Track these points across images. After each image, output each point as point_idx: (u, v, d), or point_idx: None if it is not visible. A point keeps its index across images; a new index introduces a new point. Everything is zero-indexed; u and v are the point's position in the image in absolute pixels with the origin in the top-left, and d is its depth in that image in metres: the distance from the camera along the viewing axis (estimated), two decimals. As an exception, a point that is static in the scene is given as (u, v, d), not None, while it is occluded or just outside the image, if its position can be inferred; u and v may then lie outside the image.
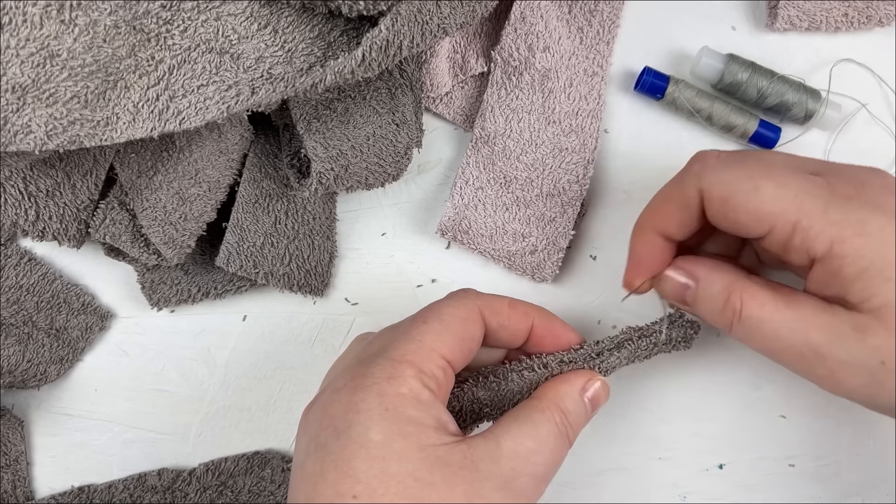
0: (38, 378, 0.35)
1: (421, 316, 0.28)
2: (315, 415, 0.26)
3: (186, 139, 0.32)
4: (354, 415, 0.25)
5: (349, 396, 0.25)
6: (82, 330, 0.36)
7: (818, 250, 0.25)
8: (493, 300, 0.30)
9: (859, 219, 0.25)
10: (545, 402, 0.28)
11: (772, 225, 0.26)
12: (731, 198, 0.26)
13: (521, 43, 0.35)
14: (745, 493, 0.34)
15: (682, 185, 0.28)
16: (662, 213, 0.29)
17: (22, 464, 0.36)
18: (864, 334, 0.25)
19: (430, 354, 0.27)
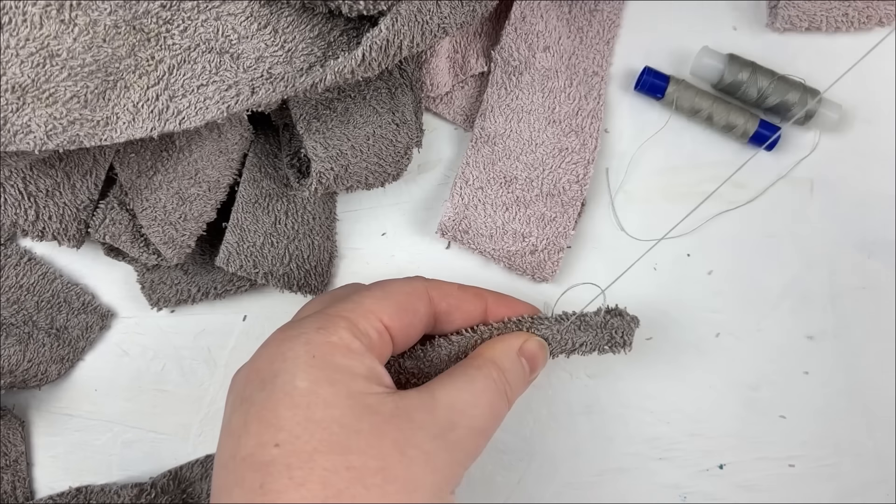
0: (39, 378, 0.35)
1: (366, 286, 0.28)
2: (242, 371, 0.26)
3: (186, 139, 0.32)
4: (280, 363, 0.24)
5: (276, 347, 0.25)
6: (83, 329, 0.36)
7: None
8: (441, 283, 0.29)
9: None
10: (481, 359, 0.27)
11: None
12: None
13: (521, 43, 0.35)
14: (745, 494, 0.34)
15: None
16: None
17: (22, 464, 0.36)
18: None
19: (367, 315, 0.26)
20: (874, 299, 0.36)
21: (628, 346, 0.30)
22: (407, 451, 0.23)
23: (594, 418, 0.35)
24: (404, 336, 0.27)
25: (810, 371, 0.35)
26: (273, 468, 0.22)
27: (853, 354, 0.35)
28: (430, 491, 0.23)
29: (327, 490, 0.22)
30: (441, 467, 0.24)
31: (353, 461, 0.22)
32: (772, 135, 0.35)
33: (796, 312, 0.36)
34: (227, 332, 0.37)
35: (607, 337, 0.30)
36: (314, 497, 0.22)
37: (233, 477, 0.23)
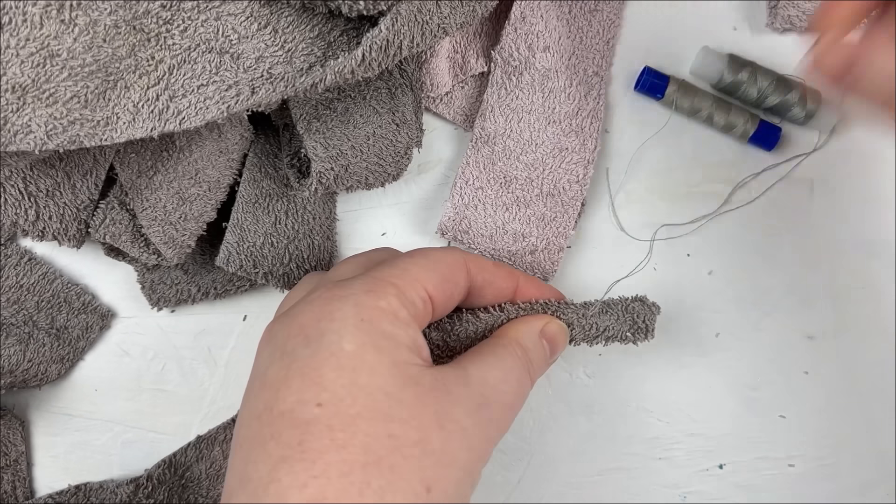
0: (39, 378, 0.35)
1: (407, 253, 0.28)
2: (282, 324, 0.25)
3: (186, 139, 0.32)
4: (328, 323, 0.24)
5: (323, 306, 0.24)
6: (83, 329, 0.36)
7: None
8: (478, 257, 0.29)
9: None
10: (506, 339, 0.28)
11: None
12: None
13: (521, 43, 0.35)
14: (745, 493, 0.34)
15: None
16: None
17: (22, 464, 0.36)
18: None
19: (414, 283, 0.26)
20: (874, 299, 0.36)
21: (651, 332, 0.31)
22: (446, 425, 0.23)
23: (594, 418, 0.35)
24: (443, 307, 0.28)
25: (810, 371, 0.35)
26: (314, 427, 0.22)
27: (853, 354, 0.35)
28: (463, 467, 0.24)
29: (367, 455, 0.22)
30: (475, 444, 0.24)
31: (395, 430, 0.22)
32: (772, 135, 0.35)
33: (796, 312, 0.36)
34: (227, 332, 0.37)
35: (629, 322, 0.31)
36: (354, 460, 0.22)
37: (268, 430, 0.23)
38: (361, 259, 0.29)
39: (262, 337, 0.26)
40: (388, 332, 0.24)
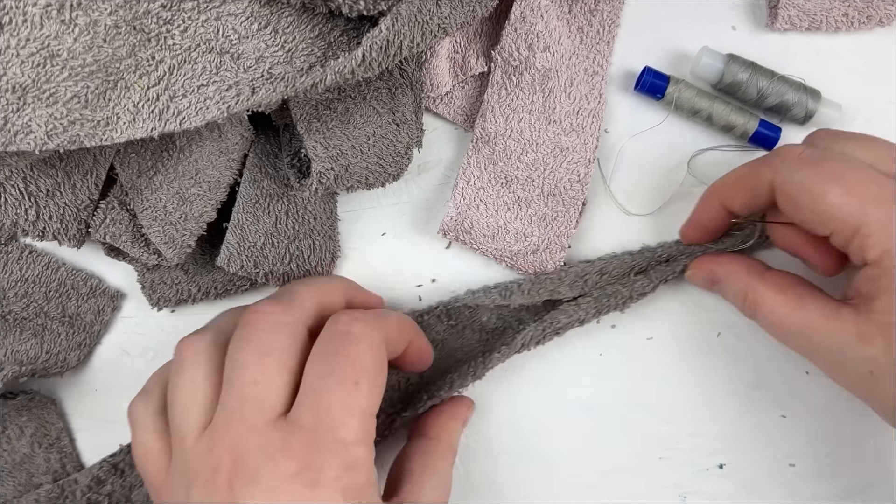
0: (60, 366, 0.36)
1: (348, 374, 0.26)
2: (257, 501, 0.24)
3: (186, 139, 0.32)
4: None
5: (309, 492, 0.24)
6: (95, 313, 0.37)
7: (871, 256, 0.27)
8: (392, 331, 0.29)
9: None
10: (441, 444, 0.31)
11: (835, 228, 0.27)
12: (799, 198, 0.28)
13: (521, 42, 0.35)
14: (746, 493, 0.34)
15: (756, 174, 0.30)
16: (732, 191, 0.31)
17: (65, 440, 0.36)
18: (864, 343, 0.27)
19: (371, 422, 0.26)
20: (874, 299, 0.36)
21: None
22: None
23: (594, 418, 0.35)
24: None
25: (811, 370, 0.35)
26: None
27: (853, 354, 0.35)
28: None
29: None
30: None
31: None
32: (772, 134, 0.35)
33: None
34: (227, 332, 0.37)
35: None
36: None
37: None
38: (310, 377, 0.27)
39: (213, 489, 0.24)
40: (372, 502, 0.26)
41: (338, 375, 0.25)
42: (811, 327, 0.28)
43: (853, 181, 0.27)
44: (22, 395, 0.35)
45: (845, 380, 0.28)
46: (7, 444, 0.35)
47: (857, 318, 0.27)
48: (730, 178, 0.31)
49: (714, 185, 0.32)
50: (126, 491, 0.34)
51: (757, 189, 0.30)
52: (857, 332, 0.27)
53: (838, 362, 0.28)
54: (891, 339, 0.26)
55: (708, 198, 0.32)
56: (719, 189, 0.32)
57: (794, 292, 0.29)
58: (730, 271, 0.32)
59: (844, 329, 0.27)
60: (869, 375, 0.27)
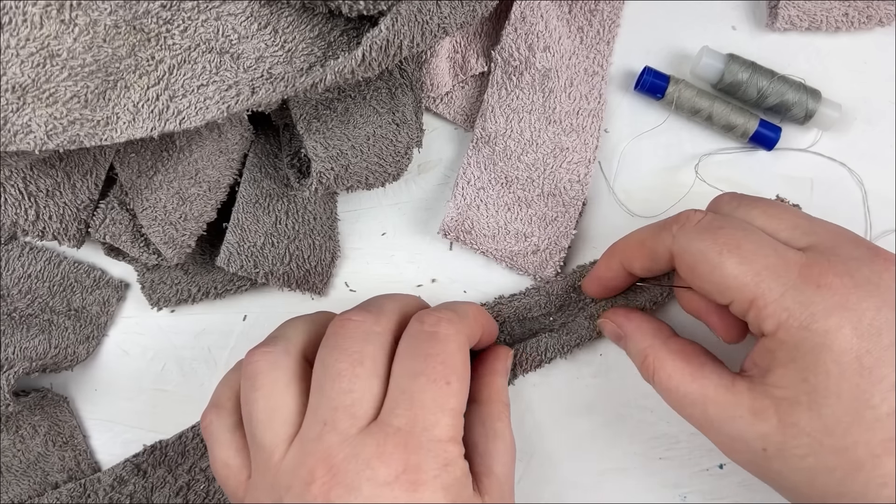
0: (69, 360, 0.36)
1: (440, 374, 0.26)
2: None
3: (186, 139, 0.32)
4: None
5: (412, 494, 0.24)
6: (101, 305, 0.37)
7: (767, 328, 0.26)
8: (472, 327, 0.29)
9: (812, 313, 0.25)
10: (495, 406, 0.30)
11: (732, 298, 0.27)
12: (696, 268, 0.27)
13: (521, 42, 0.35)
14: (746, 493, 0.34)
15: (656, 239, 0.29)
16: (632, 254, 0.31)
17: (78, 438, 0.36)
18: (757, 419, 0.26)
19: (461, 421, 0.26)
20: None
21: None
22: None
23: (594, 418, 0.35)
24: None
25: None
26: None
27: (853, 354, 0.35)
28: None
29: None
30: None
31: None
32: (772, 134, 0.35)
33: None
34: (227, 332, 0.37)
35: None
36: None
37: None
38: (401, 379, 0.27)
39: (313, 492, 0.24)
40: (469, 496, 0.26)
41: (430, 375, 0.26)
42: (706, 398, 0.27)
43: (749, 251, 0.26)
44: (34, 392, 0.36)
45: (738, 456, 0.27)
46: (21, 443, 0.35)
47: (752, 393, 0.26)
48: (630, 241, 0.31)
49: (616, 244, 0.32)
50: (147, 492, 0.35)
51: (656, 254, 0.29)
52: (751, 407, 0.26)
53: (732, 437, 0.27)
54: (784, 414, 0.25)
55: (609, 256, 0.32)
56: (620, 250, 0.31)
57: (696, 361, 0.28)
58: (635, 329, 0.31)
59: (739, 403, 0.26)
60: (762, 453, 0.26)
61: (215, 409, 0.29)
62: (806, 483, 0.25)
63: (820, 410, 0.24)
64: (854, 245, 0.26)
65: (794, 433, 0.25)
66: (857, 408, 0.24)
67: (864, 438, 0.24)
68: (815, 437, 0.25)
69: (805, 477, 0.25)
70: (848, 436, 0.24)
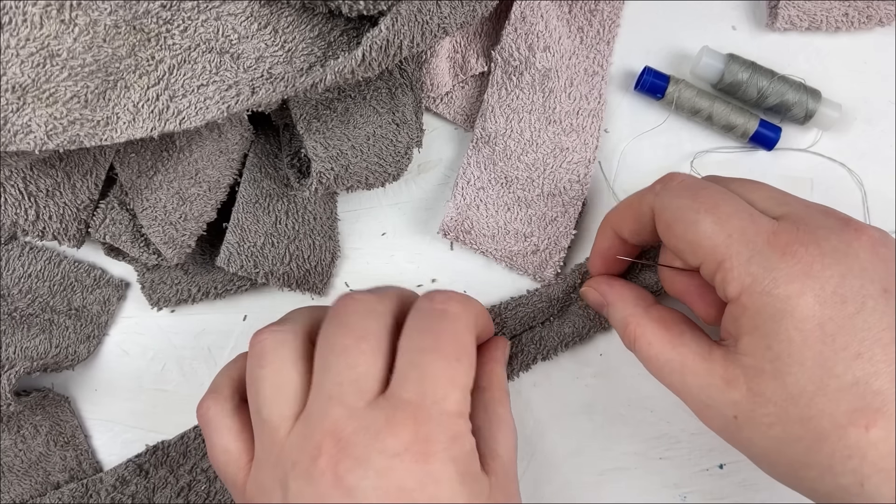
0: (70, 359, 0.36)
1: (451, 351, 0.26)
2: (369, 482, 0.24)
3: (186, 139, 0.32)
4: (435, 486, 0.24)
5: (422, 466, 0.24)
6: (101, 304, 0.37)
7: (732, 292, 0.26)
8: (480, 314, 0.30)
9: (774, 278, 0.25)
10: (496, 391, 0.30)
11: (703, 258, 0.27)
12: (673, 225, 0.27)
13: (521, 42, 0.35)
14: (746, 493, 0.34)
15: (641, 200, 0.29)
16: (621, 218, 0.31)
17: (80, 438, 0.36)
18: (729, 387, 0.26)
19: (469, 398, 0.26)
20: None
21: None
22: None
23: (594, 418, 0.35)
24: None
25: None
26: None
27: (853, 354, 0.35)
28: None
29: None
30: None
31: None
32: (772, 134, 0.35)
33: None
34: (227, 332, 0.37)
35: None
36: None
37: None
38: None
39: (315, 476, 0.24)
40: (477, 473, 0.25)
41: (441, 351, 0.26)
42: (684, 366, 0.27)
43: (725, 212, 0.26)
44: (35, 392, 0.36)
45: (713, 423, 0.27)
46: (22, 442, 0.35)
47: (725, 361, 0.26)
48: (619, 206, 0.31)
49: (608, 213, 0.32)
50: (149, 492, 0.35)
51: (641, 215, 0.29)
52: (724, 375, 0.26)
53: (706, 405, 0.27)
54: (752, 382, 0.25)
55: (603, 226, 0.32)
56: (611, 216, 0.32)
57: (675, 329, 0.28)
58: (617, 297, 0.31)
59: (713, 371, 0.26)
60: (733, 421, 0.26)
61: (213, 395, 0.29)
62: (774, 451, 0.26)
63: (784, 379, 0.25)
64: (825, 215, 0.27)
65: (761, 402, 0.25)
66: (820, 376, 0.24)
67: (828, 408, 0.24)
68: (780, 405, 0.25)
69: (773, 445, 0.25)
70: (812, 405, 0.24)
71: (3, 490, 0.35)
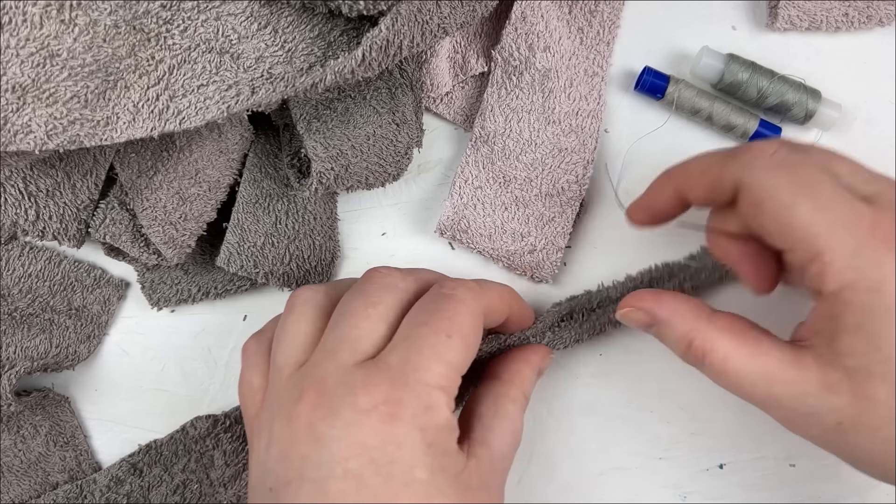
0: (71, 359, 0.36)
1: (443, 327, 0.26)
2: (336, 431, 0.24)
3: (186, 139, 0.32)
4: (396, 449, 0.24)
5: (387, 427, 0.24)
6: (101, 304, 0.37)
7: (829, 287, 0.24)
8: (494, 301, 0.30)
9: (884, 275, 0.23)
10: (513, 389, 0.30)
11: (795, 245, 0.25)
12: (766, 204, 0.25)
13: (521, 42, 0.35)
14: (746, 493, 0.34)
15: (723, 169, 0.27)
16: (692, 181, 0.28)
17: (79, 438, 0.36)
18: (831, 393, 0.24)
19: (456, 377, 0.26)
20: (874, 299, 0.36)
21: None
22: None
23: (594, 418, 0.35)
24: None
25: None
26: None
27: (853, 354, 0.35)
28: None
29: None
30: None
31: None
32: (772, 135, 0.35)
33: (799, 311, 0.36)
34: (227, 332, 0.37)
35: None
36: None
37: None
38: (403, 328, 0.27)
39: (292, 418, 0.25)
40: (449, 449, 0.25)
41: (433, 326, 0.26)
42: (771, 376, 0.25)
43: (827, 198, 0.24)
44: (35, 392, 0.36)
45: (809, 432, 0.26)
46: (22, 443, 0.35)
47: (820, 365, 0.24)
48: (692, 167, 0.28)
49: (673, 169, 0.29)
50: (144, 491, 0.35)
51: (720, 184, 0.27)
52: (822, 381, 0.24)
53: (802, 414, 0.25)
54: (858, 386, 0.23)
55: (664, 182, 0.29)
56: (678, 175, 0.29)
57: (750, 337, 0.26)
58: (673, 313, 0.28)
59: (807, 378, 0.24)
60: (837, 427, 0.24)
61: (257, 335, 0.31)
62: (882, 453, 0.24)
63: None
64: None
65: (869, 406, 0.23)
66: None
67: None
68: (892, 408, 0.23)
69: (881, 447, 0.24)
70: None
71: (3, 490, 0.35)
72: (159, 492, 0.35)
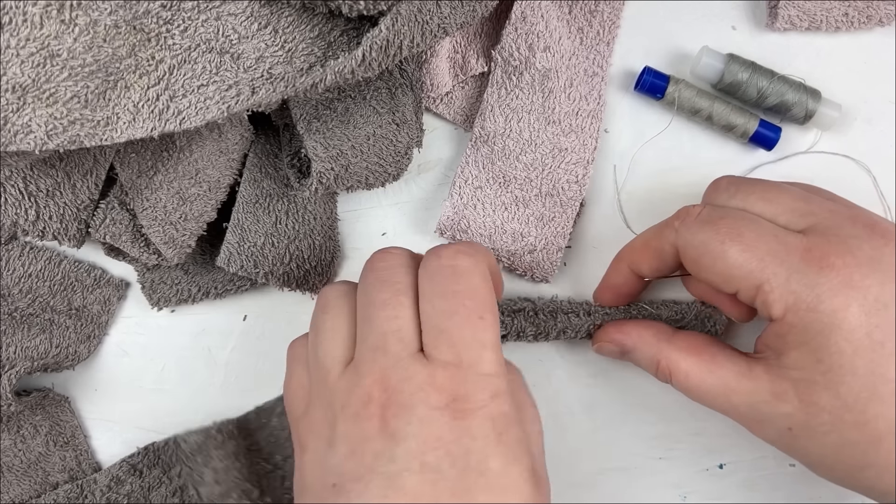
0: (71, 359, 0.36)
1: (473, 310, 0.26)
2: (412, 428, 0.24)
3: (186, 139, 0.32)
4: (470, 440, 0.24)
5: (459, 421, 0.25)
6: (102, 304, 0.37)
7: (776, 313, 0.27)
8: (492, 261, 0.30)
9: (817, 294, 0.26)
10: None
11: (739, 285, 0.27)
12: (701, 259, 0.28)
13: (521, 43, 0.35)
14: (746, 493, 0.34)
15: (660, 238, 0.30)
16: (639, 255, 0.31)
17: (79, 438, 0.36)
18: (779, 401, 0.27)
19: (501, 354, 0.27)
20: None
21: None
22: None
23: (594, 418, 0.35)
24: None
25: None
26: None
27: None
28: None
29: None
30: None
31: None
32: (772, 134, 0.35)
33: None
34: (227, 332, 0.37)
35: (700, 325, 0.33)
36: None
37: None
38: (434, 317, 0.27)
39: (361, 417, 0.25)
40: (518, 437, 0.25)
41: (462, 313, 0.26)
42: (727, 388, 0.28)
43: (751, 238, 0.27)
44: (35, 392, 0.36)
45: (766, 436, 0.28)
46: (22, 442, 0.35)
47: (770, 376, 0.27)
48: (635, 244, 0.32)
49: (622, 250, 0.32)
50: (145, 491, 0.35)
51: (662, 252, 0.30)
52: (771, 391, 0.27)
53: (757, 420, 0.28)
54: (804, 394, 0.26)
55: (617, 262, 0.33)
56: (627, 254, 0.32)
57: (707, 354, 0.29)
58: (638, 340, 0.31)
59: (759, 388, 0.27)
60: (788, 432, 0.27)
61: (303, 337, 0.31)
62: (831, 456, 0.27)
63: (837, 389, 0.26)
64: (851, 222, 0.27)
65: (815, 412, 0.26)
66: (873, 382, 0.25)
67: (882, 412, 0.25)
68: (835, 413, 0.26)
69: (830, 451, 0.27)
70: (867, 410, 0.25)
71: (3, 490, 0.35)
72: (159, 493, 0.35)
